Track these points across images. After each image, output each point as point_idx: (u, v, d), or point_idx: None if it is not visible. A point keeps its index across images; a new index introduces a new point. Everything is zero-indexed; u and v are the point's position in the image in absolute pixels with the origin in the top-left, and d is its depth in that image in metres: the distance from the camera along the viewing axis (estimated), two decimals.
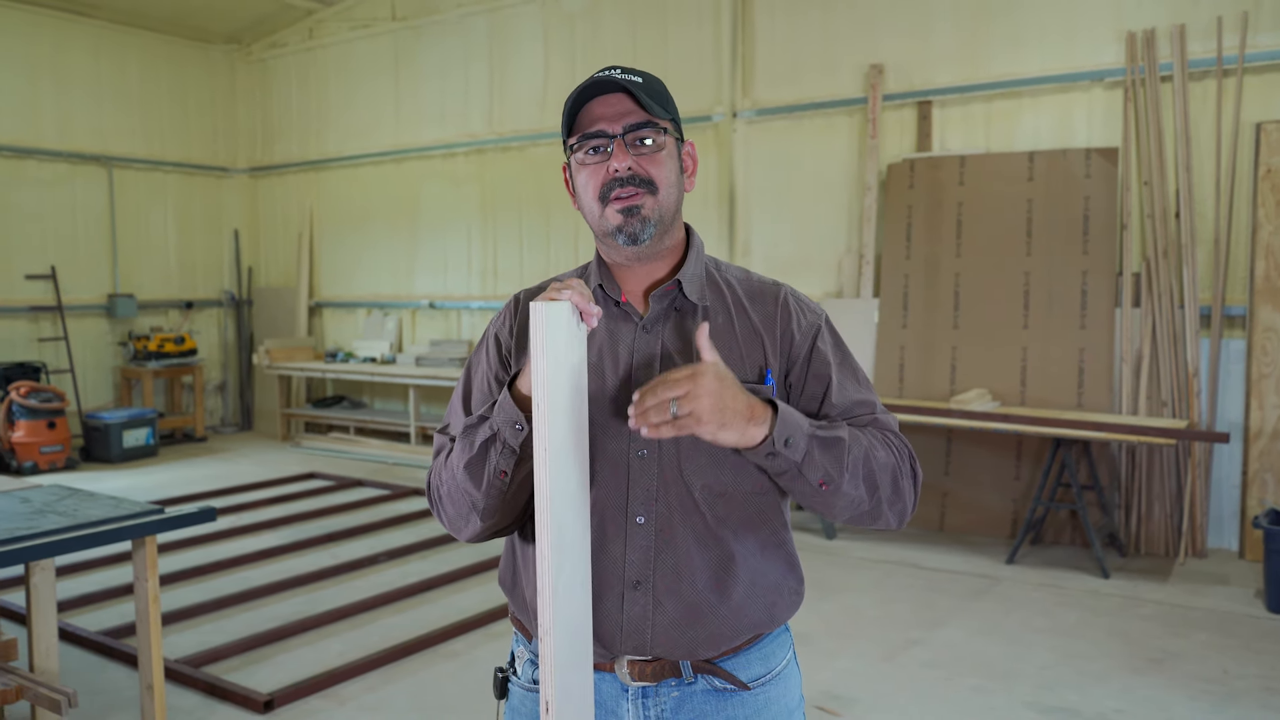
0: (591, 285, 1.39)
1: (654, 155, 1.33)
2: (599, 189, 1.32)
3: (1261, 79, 5.21)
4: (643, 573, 1.32)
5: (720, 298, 1.40)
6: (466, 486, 1.30)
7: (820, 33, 6.58)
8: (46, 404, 7.55)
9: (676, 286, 1.37)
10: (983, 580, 4.83)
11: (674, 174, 1.35)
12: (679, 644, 1.33)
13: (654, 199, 1.33)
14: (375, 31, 8.87)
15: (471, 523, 1.34)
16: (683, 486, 1.32)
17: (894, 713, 3.39)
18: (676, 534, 1.32)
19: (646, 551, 1.32)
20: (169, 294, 9.47)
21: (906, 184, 6.10)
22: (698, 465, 1.32)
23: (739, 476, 1.33)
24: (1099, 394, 5.44)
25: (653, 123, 1.32)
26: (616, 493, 1.33)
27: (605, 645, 1.34)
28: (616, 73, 1.32)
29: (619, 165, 1.31)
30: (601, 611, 1.33)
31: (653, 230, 1.33)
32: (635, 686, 1.35)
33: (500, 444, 1.24)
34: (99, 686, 3.57)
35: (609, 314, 1.39)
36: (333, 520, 6.09)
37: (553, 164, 7.91)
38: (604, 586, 1.33)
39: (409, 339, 8.91)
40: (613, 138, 1.31)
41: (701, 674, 1.35)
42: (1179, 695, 3.50)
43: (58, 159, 8.55)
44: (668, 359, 1.34)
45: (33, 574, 3.07)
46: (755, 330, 1.38)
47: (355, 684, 3.62)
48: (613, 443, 1.33)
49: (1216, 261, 5.26)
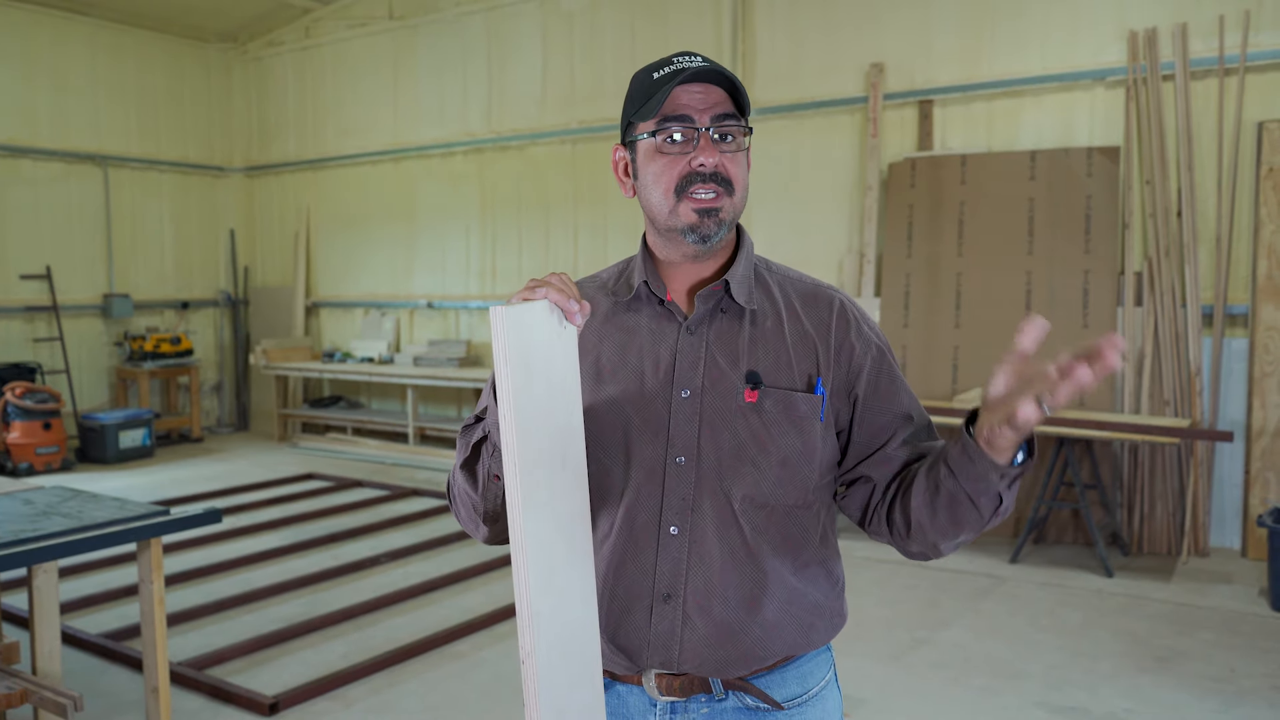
0: (636, 281, 1.33)
1: (736, 155, 1.25)
2: (676, 181, 1.23)
3: (1263, 78, 5.21)
4: (673, 586, 1.26)
5: (770, 299, 1.32)
6: (465, 488, 1.26)
7: (821, 31, 6.57)
8: (42, 405, 7.50)
9: (724, 287, 1.29)
10: (987, 580, 4.83)
11: (747, 175, 1.29)
12: (709, 660, 1.27)
13: (731, 201, 1.25)
14: (373, 30, 8.83)
15: (480, 527, 1.29)
16: (721, 497, 1.25)
17: (904, 714, 3.38)
18: (710, 547, 1.25)
19: (678, 564, 1.26)
20: (165, 294, 9.42)
21: (908, 183, 6.09)
22: (740, 475, 1.25)
23: (781, 489, 1.26)
24: (1101, 393, 5.44)
25: (738, 116, 1.25)
26: (650, 500, 1.26)
27: (631, 658, 1.28)
28: (697, 60, 1.23)
29: (706, 160, 1.22)
30: (630, 623, 1.27)
31: (724, 231, 1.26)
32: (664, 701, 1.30)
33: (491, 446, 1.20)
34: (101, 689, 3.54)
35: (653, 313, 1.32)
36: (333, 521, 6.06)
37: (552, 163, 7.89)
38: (633, 597, 1.27)
39: (407, 339, 8.88)
40: (699, 129, 1.23)
41: (733, 691, 1.30)
42: (1187, 694, 3.49)
43: (53, 158, 8.50)
44: (711, 362, 1.27)
45: (35, 576, 3.04)
46: (807, 335, 1.30)
47: (361, 686, 3.59)
48: (649, 448, 1.26)
49: (1218, 260, 5.27)
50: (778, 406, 1.25)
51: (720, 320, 1.30)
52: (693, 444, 1.25)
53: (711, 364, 1.28)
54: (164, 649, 2.97)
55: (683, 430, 1.26)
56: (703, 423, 1.26)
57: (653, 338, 1.30)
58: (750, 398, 1.25)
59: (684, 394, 1.26)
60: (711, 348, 1.28)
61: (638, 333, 1.31)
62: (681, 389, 1.27)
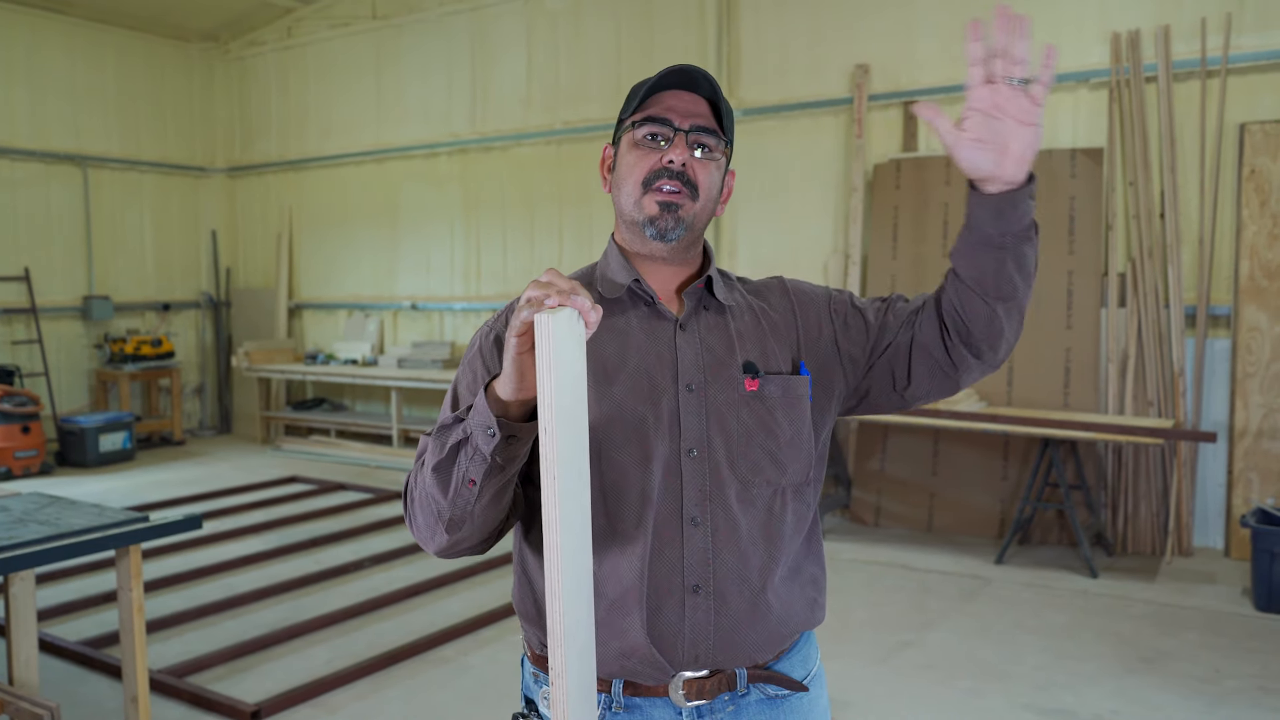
0: (624, 281, 1.36)
1: (706, 163, 1.34)
2: (645, 174, 1.32)
3: (1245, 80, 5.24)
4: (701, 576, 1.28)
5: (741, 300, 1.42)
6: (434, 492, 1.20)
7: (806, 33, 6.56)
8: (20, 408, 7.41)
9: (706, 285, 1.38)
10: (973, 581, 4.83)
11: (715, 189, 1.36)
12: (740, 648, 1.30)
13: (693, 204, 1.33)
14: (355, 30, 8.78)
15: (438, 535, 1.24)
16: (737, 484, 1.30)
17: (890, 716, 3.37)
18: (730, 533, 1.30)
19: (704, 554, 1.29)
20: (146, 296, 9.33)
21: (893, 184, 6.10)
22: (750, 460, 1.31)
23: (790, 469, 1.33)
24: (1085, 394, 5.46)
25: (717, 132, 1.34)
26: (671, 495, 1.29)
27: (668, 657, 1.28)
28: (699, 74, 1.33)
29: (675, 157, 1.30)
30: (662, 622, 1.27)
31: (682, 233, 1.33)
32: (689, 707, 1.30)
33: (471, 449, 1.15)
34: (80, 698, 3.49)
35: (641, 313, 1.36)
36: (316, 525, 6.01)
37: (537, 164, 7.86)
38: (662, 595, 1.27)
39: (390, 341, 8.83)
40: (678, 131, 1.31)
41: (755, 684, 1.33)
42: (1172, 695, 3.50)
43: (31, 158, 8.40)
44: (709, 356, 1.34)
45: (11, 584, 3.00)
46: (778, 324, 1.40)
47: (344, 692, 3.56)
48: (664, 444, 1.29)
49: (1201, 261, 5.29)
50: (778, 391, 1.33)
51: (706, 317, 1.37)
52: (703, 436, 1.30)
53: (709, 358, 1.34)
54: (143, 657, 2.93)
55: (692, 424, 1.30)
56: (709, 415, 1.31)
57: (648, 337, 1.34)
58: (751, 386, 1.33)
59: (689, 389, 1.31)
60: (705, 342, 1.35)
61: (631, 333, 1.34)
62: (686, 384, 1.32)
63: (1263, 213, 5.13)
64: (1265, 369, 5.12)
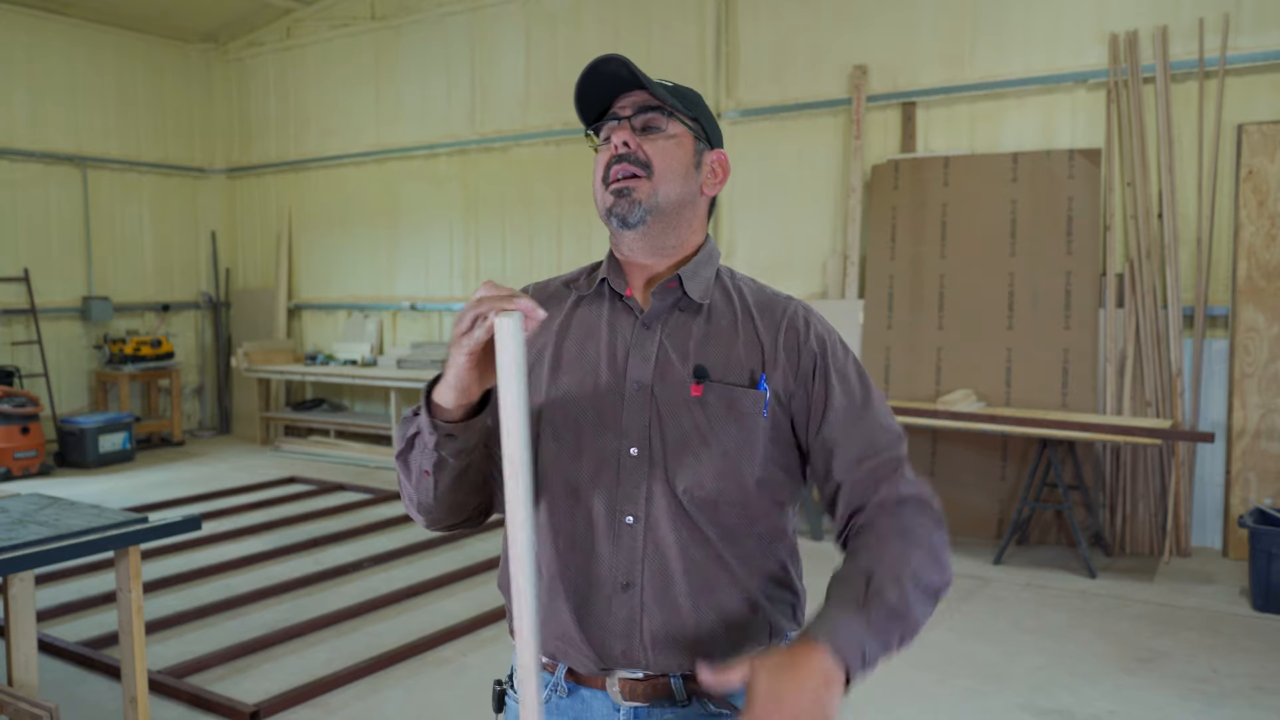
0: (604, 275, 1.37)
1: (657, 138, 1.30)
2: (603, 171, 1.32)
3: (1243, 81, 5.25)
4: (630, 574, 1.27)
5: (729, 303, 1.35)
6: (402, 478, 1.30)
7: (804, 33, 6.57)
8: (20, 409, 7.42)
9: (677, 283, 1.33)
10: (971, 581, 4.84)
11: (680, 165, 1.31)
12: (670, 654, 1.27)
13: (649, 183, 1.29)
14: (354, 31, 8.78)
15: (415, 515, 1.34)
16: (669, 488, 1.27)
17: (888, 716, 3.38)
18: (665, 536, 1.27)
19: (635, 552, 1.27)
20: (145, 296, 9.33)
21: (891, 185, 6.10)
22: (683, 466, 1.27)
23: (721, 482, 1.27)
24: (1083, 394, 5.47)
25: (662, 107, 1.31)
26: (606, 491, 1.28)
27: (598, 653, 1.28)
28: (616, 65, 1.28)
29: (616, 138, 1.29)
30: (591, 616, 1.28)
31: (643, 215, 1.29)
32: (627, 707, 1.30)
33: (422, 444, 1.23)
34: (79, 699, 3.50)
35: (612, 307, 1.35)
36: (315, 525, 6.01)
37: (536, 164, 7.87)
38: (592, 589, 1.28)
39: (390, 341, 8.83)
40: (621, 120, 1.31)
41: (695, 697, 1.29)
42: (1170, 695, 3.51)
43: (30, 159, 8.41)
44: (664, 356, 1.30)
45: (11, 585, 3.00)
46: (758, 340, 1.33)
47: (344, 693, 3.56)
48: (603, 439, 1.29)
49: (1199, 262, 5.30)
50: (720, 401, 1.28)
51: (677, 317, 1.34)
52: (644, 435, 1.28)
53: (664, 358, 1.30)
54: (143, 658, 2.94)
55: (634, 422, 1.28)
56: (653, 415, 1.28)
57: (611, 331, 1.34)
58: (695, 391, 1.28)
59: (635, 387, 1.29)
60: (665, 342, 1.32)
61: (597, 327, 1.35)
62: (634, 381, 1.29)
63: (1260, 213, 5.14)
64: (1263, 369, 5.12)
